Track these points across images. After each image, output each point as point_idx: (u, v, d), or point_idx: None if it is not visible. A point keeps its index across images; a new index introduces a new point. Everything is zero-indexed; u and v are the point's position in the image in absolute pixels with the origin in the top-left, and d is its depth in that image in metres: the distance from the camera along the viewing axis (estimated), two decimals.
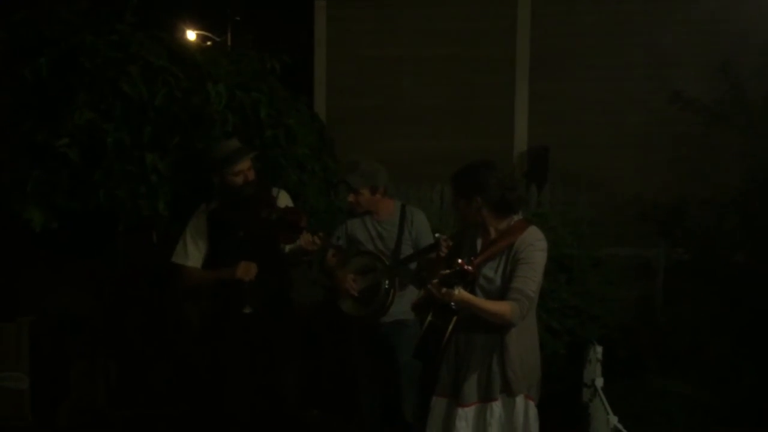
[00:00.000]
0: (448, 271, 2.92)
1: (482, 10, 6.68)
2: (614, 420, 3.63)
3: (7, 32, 4.48)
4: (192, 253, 3.91)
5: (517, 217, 3.17)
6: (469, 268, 2.88)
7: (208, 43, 9.69)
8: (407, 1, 6.80)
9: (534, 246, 3.07)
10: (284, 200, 4.04)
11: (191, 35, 11.25)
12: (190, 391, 4.65)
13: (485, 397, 3.09)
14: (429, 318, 3.07)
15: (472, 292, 3.04)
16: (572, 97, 6.53)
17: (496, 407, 3.07)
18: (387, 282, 3.99)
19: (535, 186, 6.22)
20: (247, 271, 3.81)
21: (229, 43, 10.66)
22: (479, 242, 3.20)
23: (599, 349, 4.41)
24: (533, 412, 3.11)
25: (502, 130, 6.62)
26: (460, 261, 2.89)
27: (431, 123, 6.71)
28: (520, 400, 3.08)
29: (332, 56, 6.86)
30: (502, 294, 3.05)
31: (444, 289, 2.90)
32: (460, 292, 2.91)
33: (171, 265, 3.95)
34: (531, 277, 3.03)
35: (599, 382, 4.23)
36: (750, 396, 4.60)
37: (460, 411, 3.10)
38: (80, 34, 4.30)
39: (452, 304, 2.94)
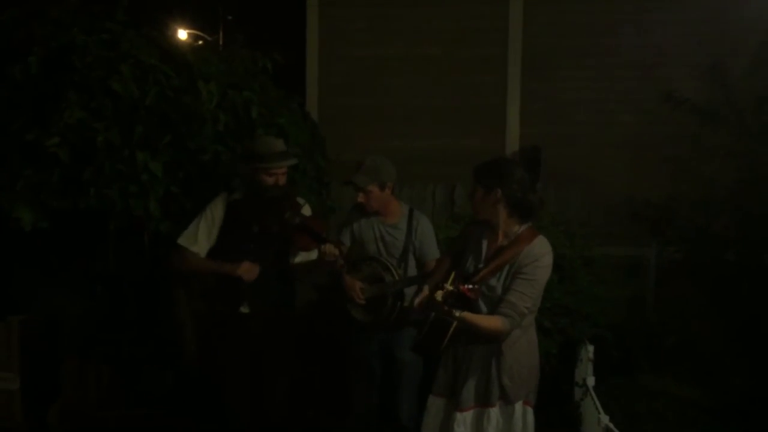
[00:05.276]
0: (451, 288, 2.88)
1: (474, 10, 6.67)
2: (605, 419, 3.63)
3: None
4: (200, 240, 3.87)
5: (527, 225, 3.07)
6: (471, 294, 2.85)
7: (200, 42, 9.64)
8: (399, 1, 6.79)
9: (538, 262, 2.98)
10: (307, 212, 4.02)
11: (182, 34, 11.20)
12: (183, 392, 4.63)
13: (483, 402, 3.06)
14: (434, 314, 2.97)
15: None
16: (564, 97, 6.53)
17: (494, 413, 3.04)
18: (393, 297, 3.97)
19: None
20: (249, 271, 3.78)
21: (220, 42, 10.60)
22: (485, 244, 3.10)
23: (591, 348, 4.41)
24: (531, 417, 3.09)
25: (494, 130, 6.61)
26: (462, 287, 2.84)
27: (423, 122, 6.70)
28: (518, 407, 3.06)
29: (324, 55, 6.85)
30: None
31: (446, 308, 2.85)
32: (461, 314, 2.86)
33: (172, 250, 3.92)
34: (528, 294, 2.96)
35: (591, 381, 4.23)
36: (741, 395, 4.61)
37: (458, 415, 3.07)
38: (71, 33, 4.28)
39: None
